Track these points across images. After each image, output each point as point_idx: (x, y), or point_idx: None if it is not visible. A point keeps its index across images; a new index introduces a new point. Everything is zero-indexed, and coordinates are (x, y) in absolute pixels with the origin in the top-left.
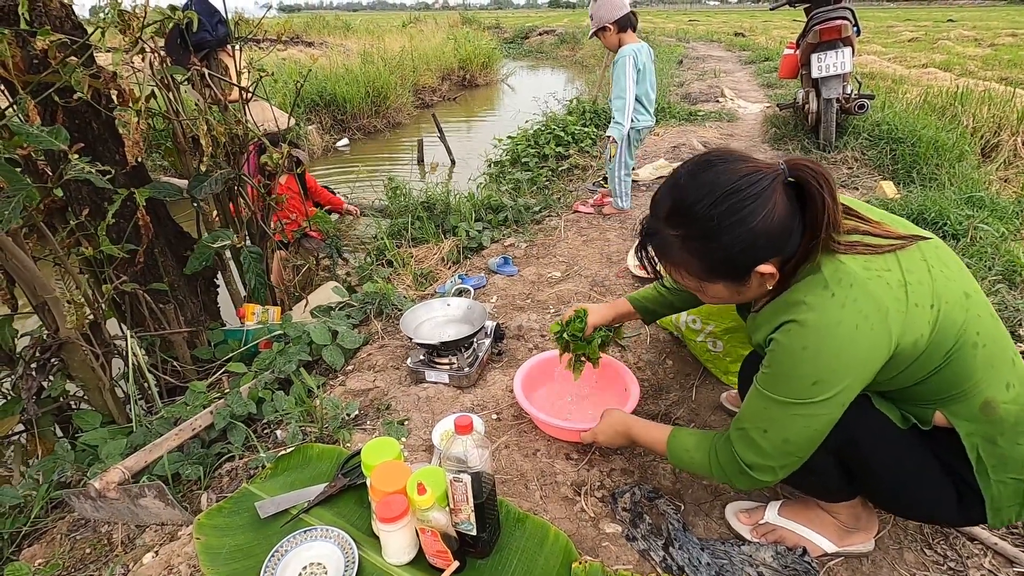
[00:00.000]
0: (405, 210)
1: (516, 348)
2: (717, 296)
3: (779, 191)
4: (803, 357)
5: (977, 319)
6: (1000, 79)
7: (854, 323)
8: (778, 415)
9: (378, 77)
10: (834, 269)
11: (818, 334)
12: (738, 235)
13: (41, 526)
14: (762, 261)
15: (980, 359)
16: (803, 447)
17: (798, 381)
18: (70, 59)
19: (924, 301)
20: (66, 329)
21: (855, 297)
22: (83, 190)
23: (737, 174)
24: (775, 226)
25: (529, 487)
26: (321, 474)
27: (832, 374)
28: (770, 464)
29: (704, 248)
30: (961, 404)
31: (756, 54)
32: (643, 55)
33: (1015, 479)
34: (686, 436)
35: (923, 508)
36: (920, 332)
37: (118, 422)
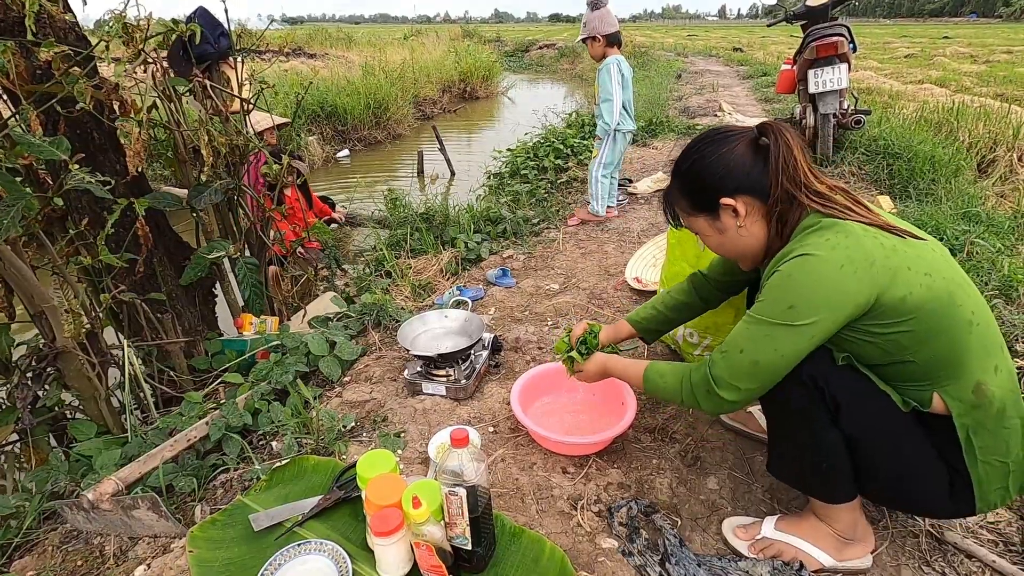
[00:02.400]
0: (404, 221)
1: (514, 360)
2: (707, 235)
3: (743, 141)
4: (786, 284)
5: (973, 300)
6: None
7: (839, 263)
8: (755, 334)
9: (379, 89)
10: (833, 223)
11: (803, 265)
12: (700, 169)
13: (33, 537)
14: (724, 193)
15: (974, 338)
16: (770, 372)
17: (777, 304)
18: (73, 70)
19: (918, 268)
20: (63, 338)
21: (847, 245)
22: (83, 199)
23: (713, 129)
24: (732, 163)
25: (525, 501)
26: (316, 486)
27: (807, 303)
28: (737, 384)
29: (685, 184)
30: (955, 385)
31: (754, 69)
32: (626, 67)
33: (1000, 461)
34: (663, 364)
35: (918, 493)
36: (909, 290)
37: (113, 432)
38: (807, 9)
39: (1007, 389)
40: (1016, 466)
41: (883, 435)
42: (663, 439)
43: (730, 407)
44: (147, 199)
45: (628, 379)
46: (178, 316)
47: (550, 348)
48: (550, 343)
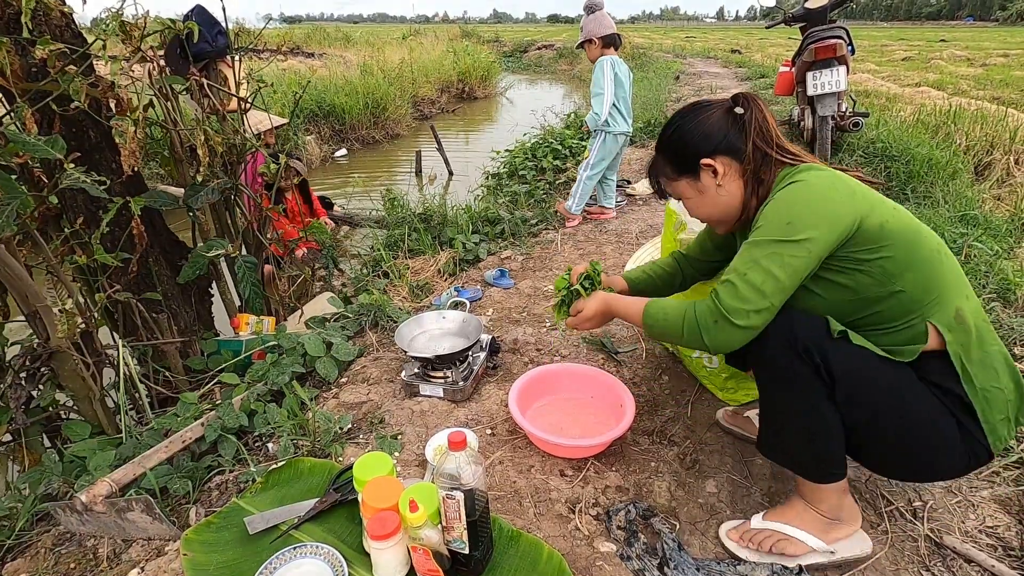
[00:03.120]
0: (402, 221)
1: (512, 362)
2: (690, 198)
3: (719, 109)
4: (781, 206)
5: (935, 238)
6: (992, 98)
7: (827, 185)
8: (757, 255)
9: (377, 88)
10: (810, 167)
11: (795, 190)
12: (681, 134)
13: (26, 539)
14: (704, 154)
15: (948, 267)
16: (776, 291)
17: (775, 223)
18: (69, 68)
19: (888, 203)
20: (57, 338)
21: (830, 175)
22: (78, 198)
23: (692, 102)
24: (710, 127)
25: (523, 504)
26: (312, 489)
27: (802, 218)
28: (744, 307)
29: (667, 151)
30: (941, 312)
31: (752, 71)
32: (621, 67)
33: (995, 387)
34: (666, 300)
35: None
36: (884, 218)
37: (108, 433)
38: (805, 12)
39: (979, 317)
40: (1010, 394)
41: (886, 398)
42: (661, 442)
43: (740, 337)
44: (143, 198)
45: (630, 317)
46: (174, 316)
47: (548, 349)
48: (548, 344)
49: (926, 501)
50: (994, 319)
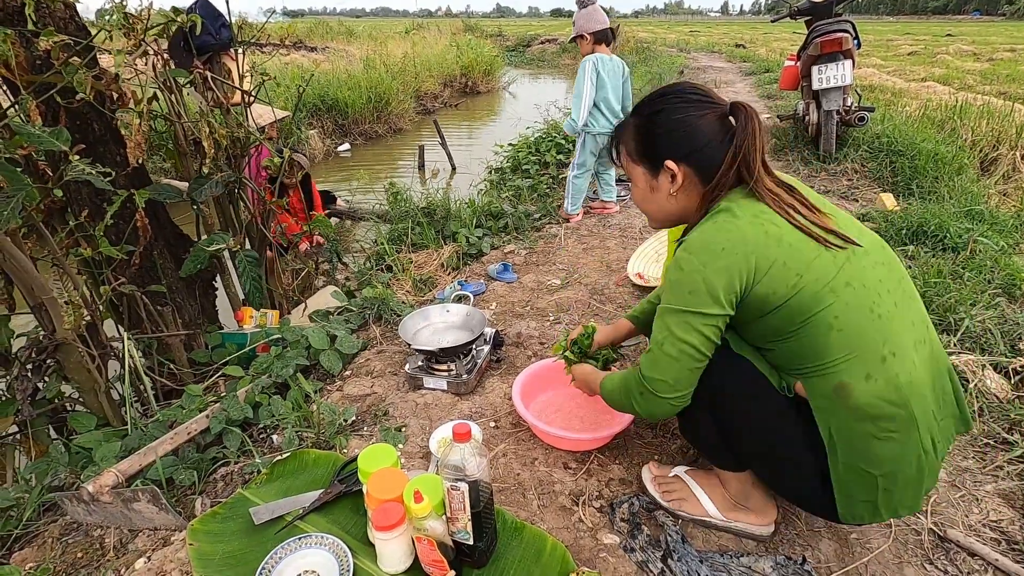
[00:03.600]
0: (405, 215)
1: (515, 355)
2: (640, 187)
3: (713, 113)
4: (684, 269)
5: (845, 307)
6: (999, 93)
7: (721, 246)
8: (669, 323)
9: (380, 83)
10: (728, 207)
11: (695, 247)
12: (661, 120)
13: (33, 529)
14: (673, 156)
15: (835, 342)
16: (690, 362)
17: (680, 290)
18: (73, 60)
19: (793, 265)
20: (63, 330)
21: (729, 228)
22: (83, 191)
23: (691, 86)
24: (694, 129)
25: (527, 496)
26: (317, 480)
27: (704, 287)
28: (665, 379)
29: (642, 127)
30: (816, 380)
31: (757, 65)
32: (607, 65)
33: (866, 471)
34: (616, 374)
35: (789, 480)
36: (774, 289)
37: (113, 425)
38: (811, 5)
39: (883, 400)
40: (888, 483)
41: (753, 419)
42: (665, 435)
43: (667, 408)
44: (147, 191)
45: (592, 389)
46: (178, 309)
47: (551, 343)
48: (552, 338)
49: (929, 495)
50: (999, 314)
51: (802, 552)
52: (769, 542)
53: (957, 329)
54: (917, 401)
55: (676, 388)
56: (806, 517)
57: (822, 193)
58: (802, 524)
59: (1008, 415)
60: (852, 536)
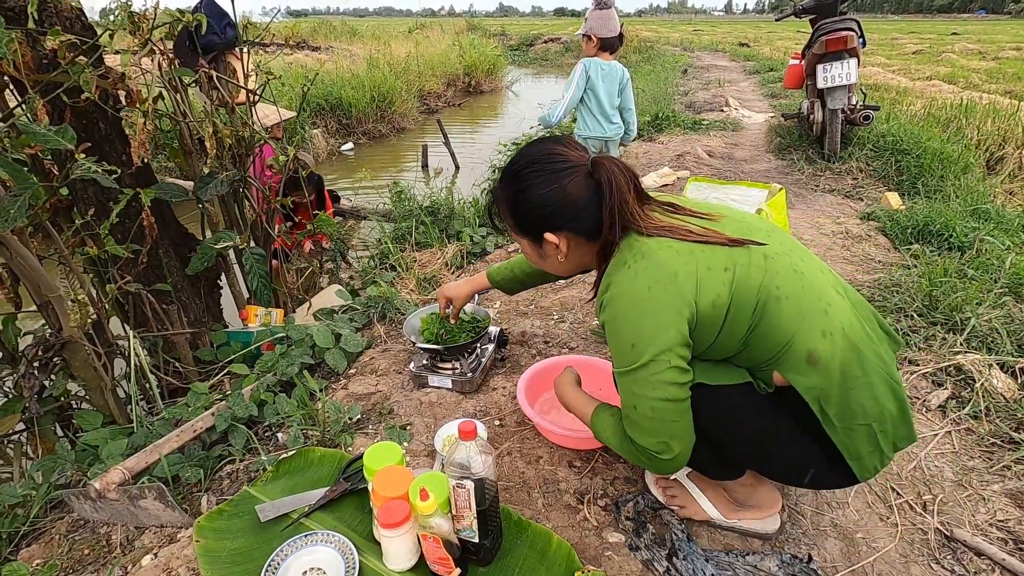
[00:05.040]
0: (409, 214)
1: (519, 354)
2: (528, 254)
3: (577, 176)
4: (617, 326)
5: (776, 275)
6: (1005, 92)
7: (646, 286)
8: (631, 387)
9: (384, 82)
10: (630, 246)
11: (620, 302)
12: (529, 198)
13: (40, 526)
14: (549, 229)
15: (787, 311)
16: (671, 414)
17: (622, 348)
18: (79, 59)
19: (717, 265)
20: (69, 328)
21: (645, 266)
22: (89, 190)
23: (548, 152)
24: (562, 201)
25: (532, 494)
26: (322, 478)
27: (642, 335)
28: (659, 439)
29: (511, 204)
30: (789, 359)
31: (760, 64)
32: (603, 71)
33: (861, 424)
34: (607, 416)
35: (798, 471)
36: (717, 292)
37: (119, 422)
38: (816, 3)
39: (844, 349)
40: (882, 425)
41: (744, 433)
42: None
43: (677, 463)
44: (153, 189)
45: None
46: (184, 307)
47: (556, 342)
48: (556, 337)
49: (936, 495)
50: (1006, 313)
51: (808, 551)
52: (775, 540)
53: (963, 328)
54: (862, 340)
55: (674, 441)
56: (812, 515)
57: (827, 193)
58: (808, 522)
59: (1015, 415)
60: (858, 535)
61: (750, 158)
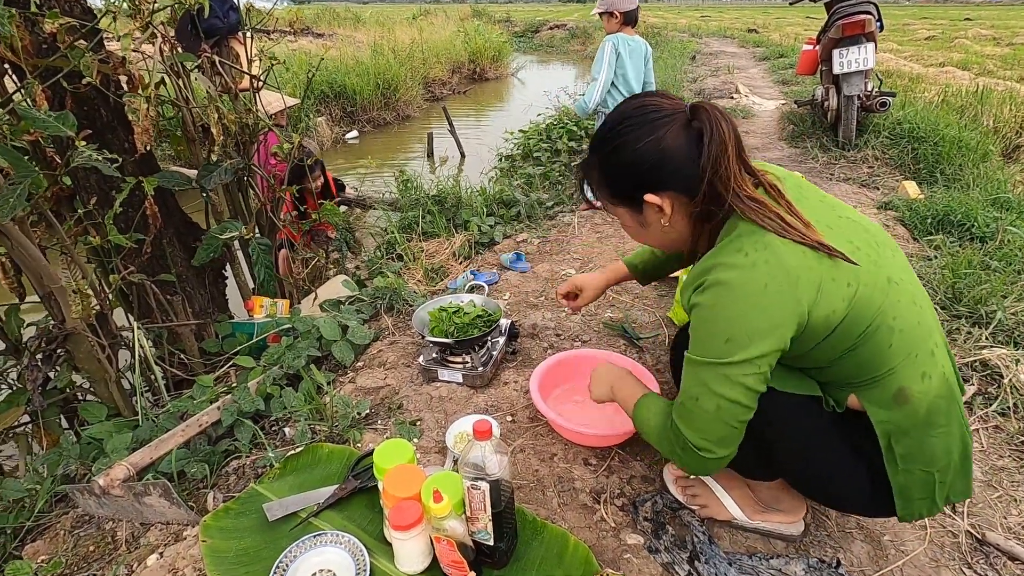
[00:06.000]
0: (416, 203)
1: (531, 347)
2: (629, 227)
3: (674, 126)
4: (715, 315)
5: (897, 304)
6: (1020, 79)
7: (763, 283)
8: (705, 377)
9: (388, 69)
10: (751, 233)
11: (728, 291)
12: (624, 156)
13: (45, 521)
14: (649, 189)
15: (897, 345)
16: (734, 418)
17: (713, 339)
18: (79, 43)
19: (841, 278)
20: (72, 319)
21: (767, 259)
22: (91, 178)
23: (640, 105)
24: (660, 154)
25: (546, 494)
26: (331, 475)
27: (742, 333)
28: (707, 437)
29: (606, 168)
30: (875, 390)
31: (770, 50)
32: (629, 46)
33: (923, 470)
34: (656, 400)
35: (835, 493)
36: (833, 307)
37: (124, 415)
38: None
39: (937, 395)
40: (943, 476)
41: (799, 448)
42: None
43: (713, 466)
44: (156, 178)
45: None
46: (188, 298)
47: (568, 335)
48: (568, 329)
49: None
50: None
51: (834, 554)
52: (799, 542)
53: (989, 322)
54: (954, 388)
55: (723, 446)
56: (837, 517)
57: (842, 182)
58: (833, 524)
59: None
60: (885, 538)
61: (762, 146)
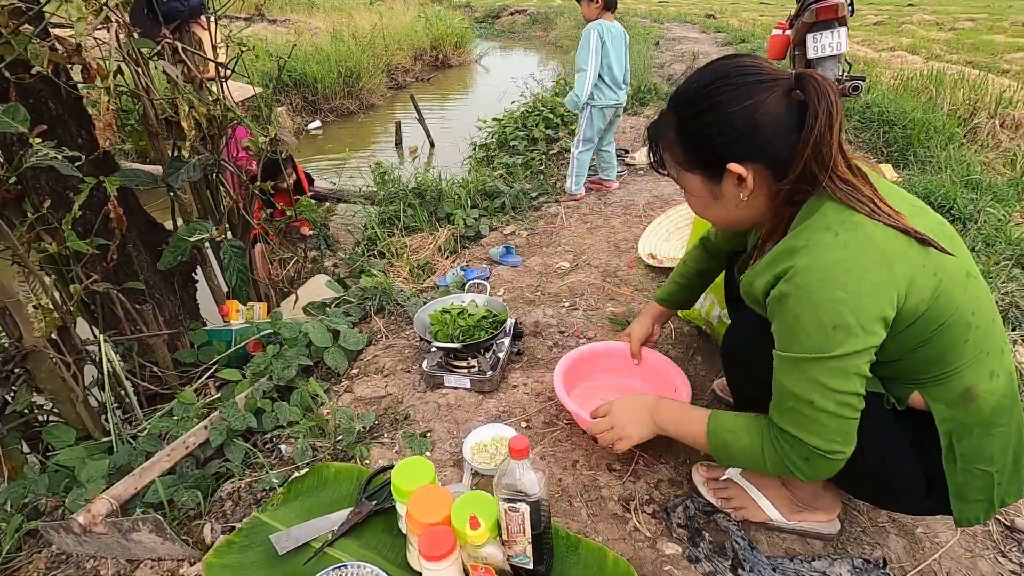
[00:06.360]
0: (395, 197)
1: (534, 346)
2: (697, 197)
3: (775, 93)
4: (813, 302)
5: (976, 299)
6: (966, 63)
7: (861, 264)
8: (815, 374)
9: (350, 56)
10: (838, 212)
11: (822, 274)
12: (714, 118)
13: (14, 563)
14: (736, 157)
15: (971, 340)
16: (854, 410)
17: (816, 330)
18: (25, 28)
19: (929, 266)
20: (32, 338)
21: (860, 239)
22: (41, 178)
23: (739, 65)
24: (756, 122)
25: (574, 504)
26: (341, 498)
27: (850, 318)
28: (834, 438)
29: (688, 129)
30: (942, 387)
31: (731, 35)
32: (611, 33)
33: (983, 470)
34: (731, 419)
35: (891, 492)
36: (921, 297)
37: (94, 437)
38: None
39: (1001, 395)
40: (1002, 476)
41: None
42: None
43: (837, 465)
44: (118, 177)
45: (681, 431)
46: (158, 305)
47: (572, 332)
48: (571, 326)
49: None
50: (1020, 287)
51: (875, 552)
52: (836, 541)
53: None
54: (1017, 387)
55: (849, 442)
56: (868, 511)
57: None
58: (865, 519)
59: None
60: (918, 530)
61: None
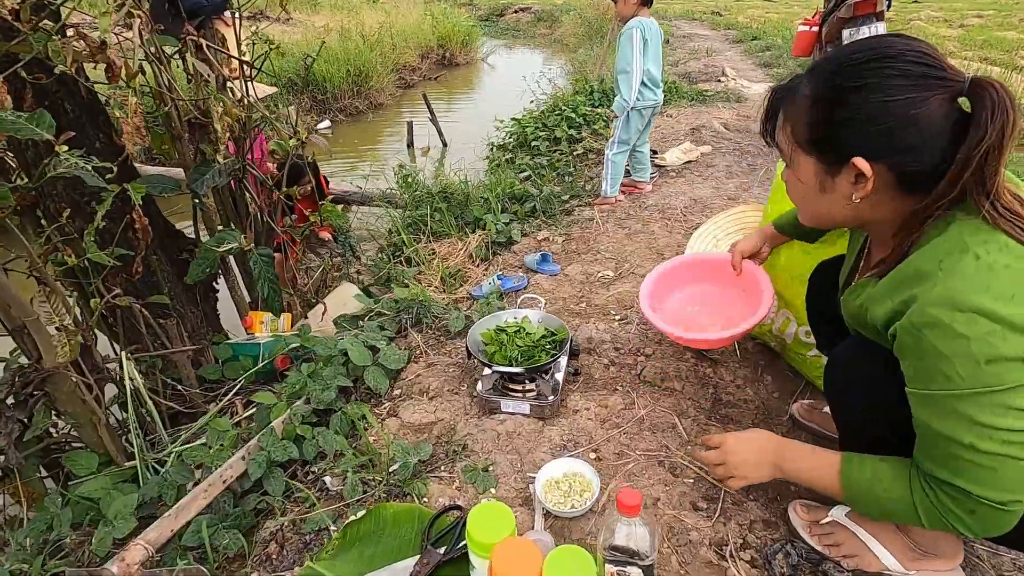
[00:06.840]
0: (421, 201)
1: (590, 364)
2: (802, 182)
3: (943, 95)
4: (958, 335)
5: None
6: (982, 59)
7: (1011, 292)
8: (973, 414)
9: (359, 55)
10: (977, 231)
11: (971, 302)
12: (863, 101)
13: None
14: (867, 153)
15: None
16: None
17: (967, 364)
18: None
19: None
20: (53, 361)
21: (1007, 263)
22: (58, 185)
23: (914, 50)
24: (908, 120)
25: (662, 550)
26: (403, 544)
27: (1007, 349)
28: (1006, 487)
29: (825, 105)
30: None
31: (743, 33)
32: (650, 30)
33: None
34: (871, 464)
35: None
36: None
37: (117, 462)
38: None
39: None
40: None
41: None
42: None
43: (1011, 519)
44: (141, 183)
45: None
46: (180, 318)
47: (629, 348)
48: (627, 341)
49: None
50: None
51: None
52: None
53: None
54: None
55: (1018, 490)
56: (989, 556)
57: None
58: (987, 567)
59: None
60: None
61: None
